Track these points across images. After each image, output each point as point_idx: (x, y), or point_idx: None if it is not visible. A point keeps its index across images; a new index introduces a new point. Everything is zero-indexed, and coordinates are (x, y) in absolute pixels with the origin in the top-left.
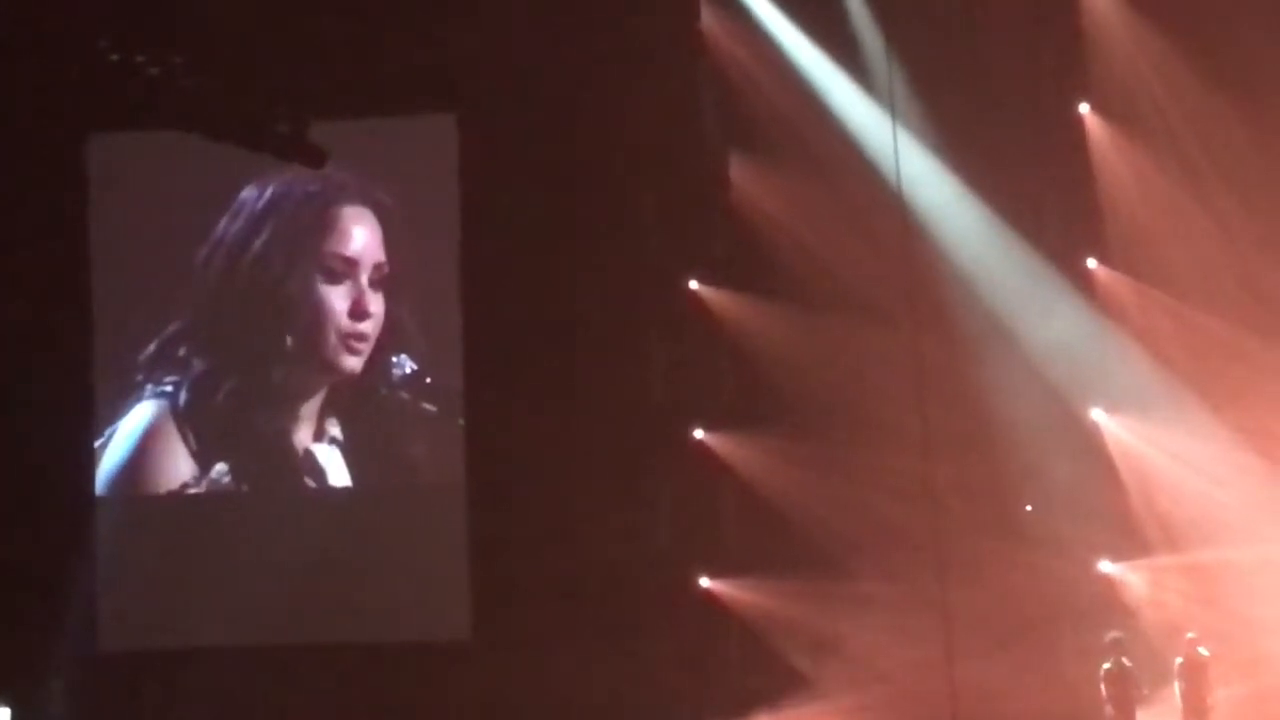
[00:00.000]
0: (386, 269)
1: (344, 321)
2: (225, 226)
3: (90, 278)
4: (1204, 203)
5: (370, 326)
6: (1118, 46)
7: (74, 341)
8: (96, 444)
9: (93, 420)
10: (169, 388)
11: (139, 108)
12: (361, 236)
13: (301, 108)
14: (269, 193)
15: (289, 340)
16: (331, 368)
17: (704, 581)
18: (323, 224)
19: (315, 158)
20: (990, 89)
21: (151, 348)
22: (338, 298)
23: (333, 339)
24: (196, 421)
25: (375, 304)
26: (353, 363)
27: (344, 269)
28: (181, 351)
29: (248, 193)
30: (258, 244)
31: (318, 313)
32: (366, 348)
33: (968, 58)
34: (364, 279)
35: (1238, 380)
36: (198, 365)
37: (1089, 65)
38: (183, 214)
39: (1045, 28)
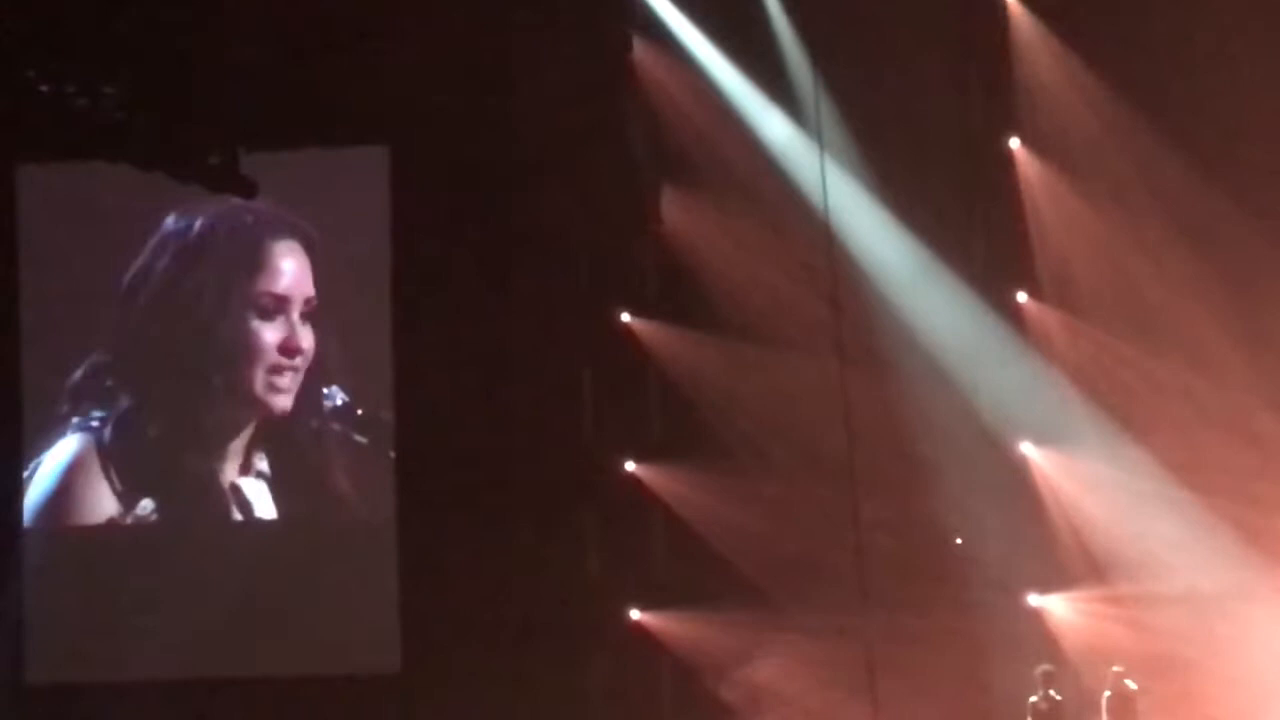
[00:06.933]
0: (316, 302)
1: (274, 358)
2: (154, 260)
3: (19, 309)
4: (1135, 237)
5: (300, 362)
6: (1048, 81)
7: (2, 372)
8: (24, 475)
9: (20, 451)
10: (95, 423)
11: (68, 139)
12: (291, 272)
13: (233, 138)
14: (197, 226)
15: (219, 379)
16: (261, 405)
17: (635, 614)
18: (254, 261)
19: (246, 189)
20: (920, 122)
21: (78, 378)
22: (269, 335)
23: (263, 377)
24: (121, 459)
25: (306, 339)
26: (283, 400)
27: (275, 306)
28: (108, 384)
29: (175, 224)
30: (189, 282)
31: (249, 352)
32: (296, 384)
33: (897, 90)
34: (295, 315)
35: (1166, 414)
36: (124, 400)
37: (1019, 99)
38: (113, 246)
39: (975, 62)
